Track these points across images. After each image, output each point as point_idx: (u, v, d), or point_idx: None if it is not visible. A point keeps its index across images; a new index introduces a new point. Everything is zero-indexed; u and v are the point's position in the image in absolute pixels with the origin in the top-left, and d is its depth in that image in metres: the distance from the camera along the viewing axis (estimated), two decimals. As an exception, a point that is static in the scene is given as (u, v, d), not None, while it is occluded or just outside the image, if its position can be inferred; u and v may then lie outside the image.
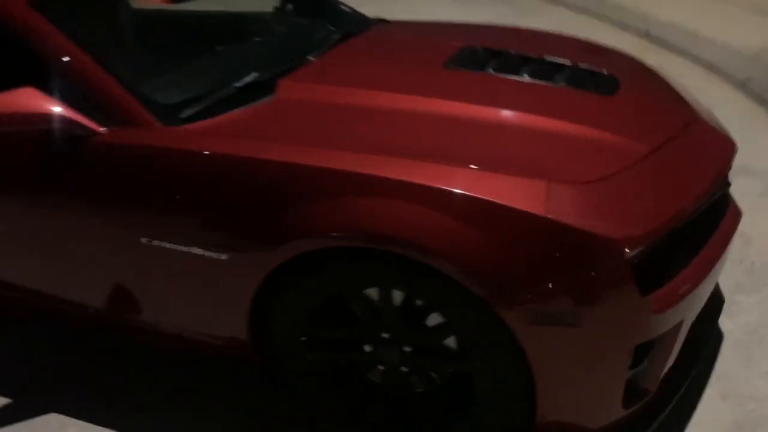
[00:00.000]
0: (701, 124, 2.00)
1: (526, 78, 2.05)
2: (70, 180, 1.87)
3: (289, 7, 2.74)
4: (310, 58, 2.19)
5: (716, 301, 2.10)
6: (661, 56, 4.69)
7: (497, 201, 1.52)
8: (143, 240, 1.81)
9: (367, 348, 1.77)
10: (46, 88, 1.82)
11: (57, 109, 1.78)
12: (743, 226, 1.98)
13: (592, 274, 1.51)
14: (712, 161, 1.87)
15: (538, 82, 2.03)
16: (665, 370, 1.75)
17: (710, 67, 4.56)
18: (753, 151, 3.09)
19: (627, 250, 1.51)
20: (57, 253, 1.99)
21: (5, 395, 2.15)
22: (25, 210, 1.98)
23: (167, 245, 1.79)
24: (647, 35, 5.28)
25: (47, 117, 1.77)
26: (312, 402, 1.90)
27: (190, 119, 1.86)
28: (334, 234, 1.59)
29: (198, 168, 1.75)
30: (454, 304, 1.58)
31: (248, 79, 1.99)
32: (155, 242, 1.80)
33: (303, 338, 1.80)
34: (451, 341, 1.71)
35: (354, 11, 2.79)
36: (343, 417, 1.88)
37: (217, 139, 1.78)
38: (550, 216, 1.50)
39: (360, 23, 2.59)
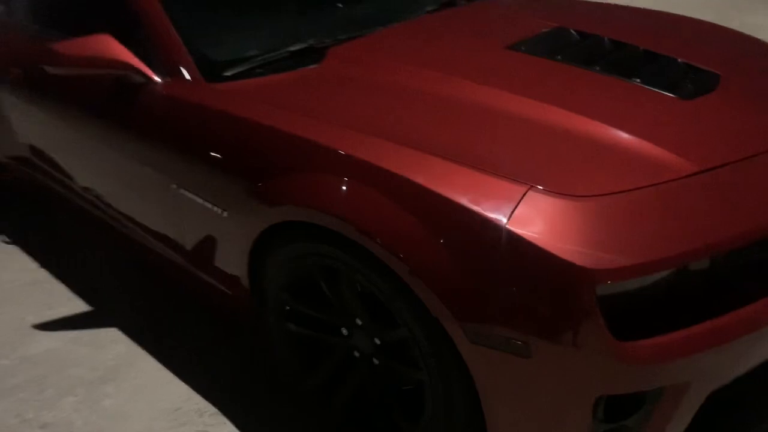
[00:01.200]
0: None
1: (595, 69, 1.78)
2: (128, 120, 2.05)
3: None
4: (379, 27, 2.12)
5: None
6: None
7: (456, 199, 1.35)
8: (173, 186, 1.93)
9: (345, 331, 1.72)
10: (121, 37, 1.99)
11: (125, 55, 1.95)
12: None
13: (551, 303, 1.28)
14: None
15: (606, 75, 1.75)
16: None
17: None
18: None
19: (601, 282, 1.26)
20: (115, 177, 2.21)
21: (74, 304, 2.48)
22: (94, 139, 2.21)
23: (188, 194, 1.89)
24: None
25: (115, 62, 1.95)
26: (286, 370, 1.89)
27: (233, 78, 1.92)
28: (300, 209, 1.55)
29: (216, 126, 1.81)
30: (403, 304, 1.46)
31: (298, 45, 1.99)
32: (181, 190, 1.91)
33: (287, 307, 1.79)
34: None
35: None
36: (313, 392, 1.85)
37: (240, 100, 1.81)
38: (512, 227, 1.30)
39: None
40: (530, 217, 1.31)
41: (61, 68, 1.99)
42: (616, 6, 2.45)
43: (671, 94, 1.68)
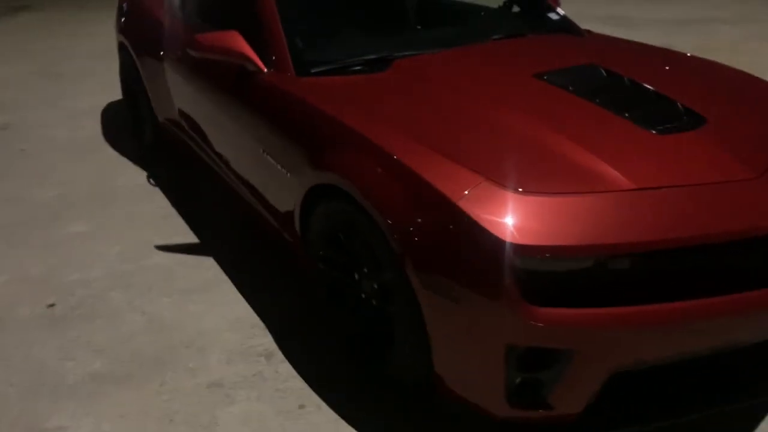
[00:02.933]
0: None
1: (595, 102, 2.15)
2: (242, 98, 2.68)
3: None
4: (445, 48, 2.61)
5: None
6: None
7: (430, 180, 1.81)
8: (261, 150, 2.54)
9: (356, 276, 2.22)
10: (247, 34, 2.63)
11: (244, 48, 2.59)
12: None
13: (479, 265, 1.70)
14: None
15: (601, 107, 2.12)
16: (582, 398, 1.80)
17: None
18: None
19: (518, 254, 1.66)
20: (230, 141, 2.87)
21: (189, 236, 3.19)
22: (218, 110, 2.89)
23: (269, 158, 2.49)
24: None
25: (237, 53, 2.59)
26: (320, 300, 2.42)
27: (317, 74, 2.50)
28: (331, 174, 2.08)
29: (294, 108, 2.38)
30: (386, 254, 1.93)
31: (372, 55, 2.52)
32: (265, 154, 2.52)
33: (320, 252, 2.32)
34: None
35: (561, 17, 3.05)
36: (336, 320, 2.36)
37: (314, 92, 2.38)
38: (459, 203, 1.74)
39: (547, 27, 2.89)
40: (479, 200, 1.74)
41: (200, 53, 2.67)
42: (656, 49, 2.76)
43: (651, 130, 2.01)
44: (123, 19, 4.19)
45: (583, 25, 3.16)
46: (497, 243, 1.67)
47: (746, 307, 1.79)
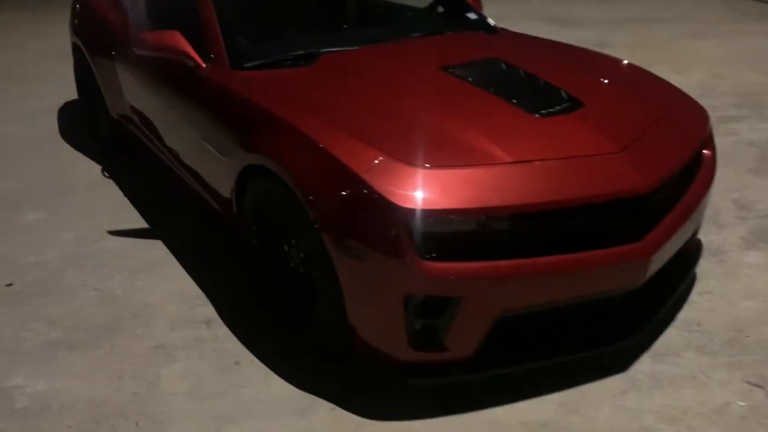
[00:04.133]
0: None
1: (490, 90, 2.47)
2: (184, 92, 2.95)
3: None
4: (368, 45, 2.92)
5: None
6: None
7: (340, 157, 2.10)
8: (201, 138, 2.81)
9: (285, 248, 2.50)
10: (190, 33, 2.89)
11: (183, 46, 2.85)
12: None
13: (380, 227, 2.00)
14: (612, 183, 2.10)
15: (493, 95, 2.44)
16: (473, 341, 2.11)
17: None
18: None
19: (411, 217, 1.96)
20: (174, 132, 3.14)
21: (141, 221, 3.44)
22: (163, 103, 3.15)
23: (207, 145, 2.76)
24: None
25: (176, 50, 2.85)
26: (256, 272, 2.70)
27: (249, 68, 2.77)
28: (259, 155, 2.36)
29: (227, 99, 2.65)
30: (306, 224, 2.21)
31: (301, 50, 2.81)
32: (205, 142, 2.78)
33: (254, 228, 2.60)
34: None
35: (479, 17, 3.38)
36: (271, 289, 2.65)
37: (246, 84, 2.65)
38: (363, 176, 2.04)
39: (464, 26, 3.25)
40: (380, 173, 2.04)
41: (144, 51, 2.93)
42: (557, 45, 3.11)
43: (534, 114, 2.33)
44: (76, 21, 4.40)
45: (527, 24, 3.48)
46: (395, 208, 1.97)
47: (607, 261, 2.12)
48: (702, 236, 3.22)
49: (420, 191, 2.01)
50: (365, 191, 2.02)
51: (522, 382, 2.27)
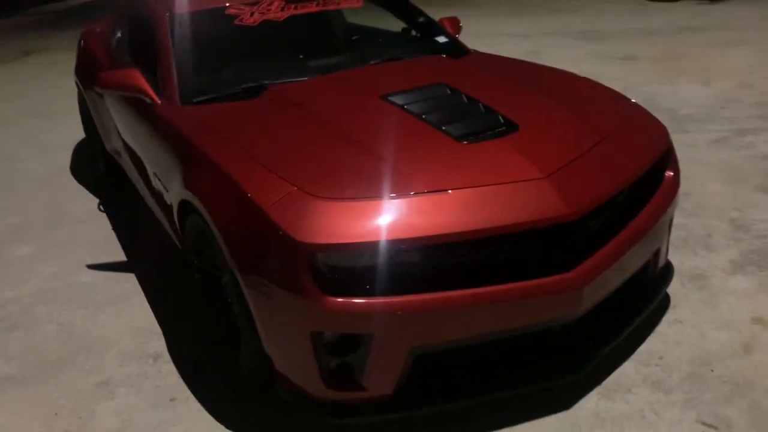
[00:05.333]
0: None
1: (422, 118, 2.39)
2: (142, 128, 2.99)
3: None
4: (319, 75, 2.89)
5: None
6: None
7: (247, 190, 2.07)
8: (153, 171, 2.84)
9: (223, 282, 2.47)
10: (153, 70, 2.95)
11: (140, 83, 2.90)
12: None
13: (282, 263, 1.95)
14: (533, 213, 1.99)
15: (424, 123, 2.36)
16: (390, 379, 2.03)
17: None
18: None
19: (313, 252, 1.90)
20: (139, 164, 3.19)
21: (120, 255, 3.50)
22: (131, 138, 3.21)
23: (158, 180, 2.78)
24: None
25: (133, 87, 2.90)
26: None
27: (197, 103, 2.79)
28: (186, 191, 2.35)
29: (171, 134, 2.67)
30: (224, 261, 2.18)
31: (249, 84, 2.81)
32: (156, 177, 2.82)
33: (195, 262, 2.60)
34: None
35: (449, 40, 3.33)
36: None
37: (189, 120, 2.67)
38: (268, 210, 2.00)
39: (433, 50, 3.21)
40: (286, 207, 2.00)
41: (103, 89, 3.00)
42: (522, 65, 3.03)
43: (463, 140, 2.24)
44: (77, 61, 4.57)
45: (553, 40, 3.37)
46: (296, 244, 1.92)
47: (532, 292, 2.00)
48: (686, 260, 3.04)
49: (325, 225, 1.95)
50: (270, 226, 1.98)
51: (456, 418, 2.17)
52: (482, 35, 8.26)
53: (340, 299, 1.92)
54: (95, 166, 4.73)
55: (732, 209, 3.51)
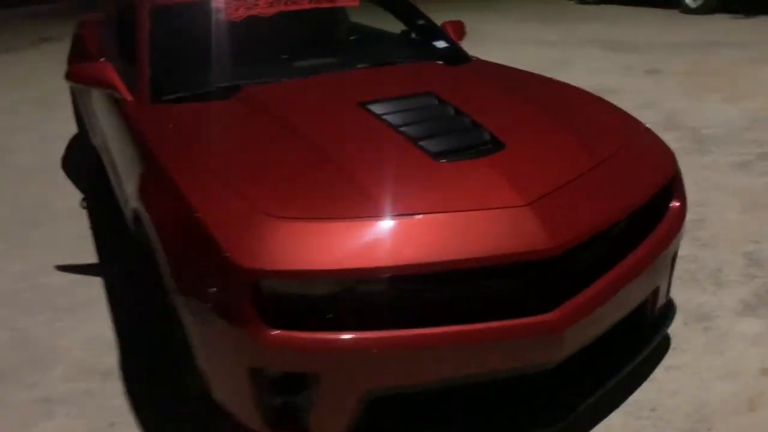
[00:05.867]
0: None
1: (399, 130, 2.15)
2: (115, 123, 2.80)
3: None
4: (299, 77, 2.68)
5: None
6: None
7: (194, 204, 1.86)
8: (117, 171, 2.65)
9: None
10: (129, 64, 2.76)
11: (111, 78, 2.71)
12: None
13: (221, 289, 1.73)
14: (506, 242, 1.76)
15: (401, 136, 2.12)
16: (341, 423, 1.80)
17: None
18: None
19: (254, 278, 1.69)
20: (111, 162, 3.00)
21: (92, 256, 3.31)
22: (107, 130, 3.02)
23: (120, 172, 2.60)
24: None
25: (104, 83, 2.72)
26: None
27: (167, 101, 2.59)
28: (137, 201, 2.16)
29: (136, 135, 2.47)
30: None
31: (223, 83, 2.60)
32: (120, 178, 2.62)
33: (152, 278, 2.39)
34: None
35: (448, 46, 3.10)
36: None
37: (154, 119, 2.47)
38: (213, 229, 1.78)
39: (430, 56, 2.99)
40: (232, 226, 1.78)
41: (74, 83, 2.81)
42: (525, 77, 2.79)
43: (440, 159, 2.00)
44: (70, 51, 4.42)
45: (580, 49, 3.16)
46: (235, 267, 1.70)
47: (503, 334, 1.76)
48: (693, 296, 2.77)
49: (273, 248, 1.72)
50: (211, 245, 1.76)
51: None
52: (508, 41, 8.03)
53: (282, 333, 1.70)
54: (87, 160, 4.58)
55: (749, 241, 3.22)
